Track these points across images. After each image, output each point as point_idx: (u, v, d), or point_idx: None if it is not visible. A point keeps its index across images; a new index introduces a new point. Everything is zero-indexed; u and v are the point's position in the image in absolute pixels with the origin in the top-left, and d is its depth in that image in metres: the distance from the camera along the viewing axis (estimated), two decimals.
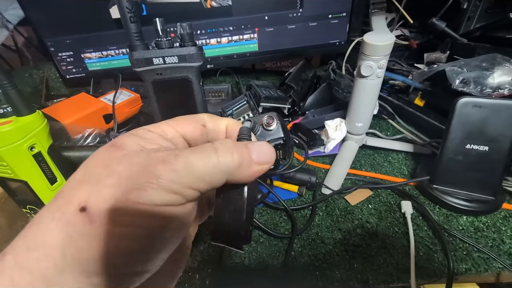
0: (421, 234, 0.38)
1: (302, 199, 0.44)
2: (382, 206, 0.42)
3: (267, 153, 0.16)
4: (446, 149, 0.40)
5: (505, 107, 0.36)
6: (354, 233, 0.39)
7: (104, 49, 0.64)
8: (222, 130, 0.19)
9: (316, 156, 0.54)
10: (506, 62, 0.40)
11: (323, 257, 0.36)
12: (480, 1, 0.47)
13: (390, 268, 0.34)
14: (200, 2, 0.61)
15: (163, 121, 0.17)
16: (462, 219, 0.40)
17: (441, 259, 0.34)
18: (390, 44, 0.40)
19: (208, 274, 0.34)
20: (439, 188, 0.42)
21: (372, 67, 0.41)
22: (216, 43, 0.67)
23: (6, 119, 0.29)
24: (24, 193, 0.33)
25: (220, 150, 0.15)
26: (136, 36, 0.32)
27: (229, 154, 0.15)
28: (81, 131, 0.44)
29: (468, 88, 0.42)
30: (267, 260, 0.36)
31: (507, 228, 0.38)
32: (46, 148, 0.32)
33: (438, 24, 0.50)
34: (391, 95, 0.63)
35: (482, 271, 0.33)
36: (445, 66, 0.47)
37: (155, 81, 0.34)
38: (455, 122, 0.38)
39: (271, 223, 0.41)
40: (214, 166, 0.14)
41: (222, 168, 0.14)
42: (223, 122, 0.19)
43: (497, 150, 0.37)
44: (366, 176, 0.48)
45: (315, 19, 0.67)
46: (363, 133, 0.52)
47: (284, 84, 0.65)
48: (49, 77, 0.69)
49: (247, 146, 0.16)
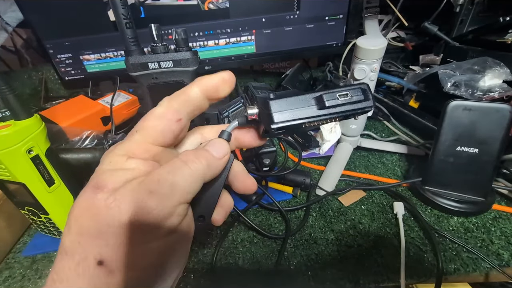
0: (412, 234, 0.39)
1: (296, 200, 0.45)
2: (375, 207, 0.43)
3: (223, 147, 0.18)
4: (437, 151, 0.41)
5: (494, 110, 0.36)
6: (346, 234, 0.39)
7: (103, 51, 0.65)
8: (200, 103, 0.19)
9: (311, 157, 0.54)
10: (497, 65, 0.41)
11: (316, 258, 0.36)
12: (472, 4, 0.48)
13: (381, 268, 0.35)
14: (197, 4, 0.61)
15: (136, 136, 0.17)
16: (453, 220, 0.40)
17: (431, 259, 0.35)
18: (382, 48, 0.40)
19: (202, 274, 0.35)
20: (431, 189, 0.42)
21: (365, 70, 0.42)
22: (214, 45, 0.67)
23: (5, 123, 0.30)
24: (22, 195, 0.34)
25: (189, 161, 0.16)
26: (132, 41, 0.33)
27: (197, 161, 0.16)
28: (79, 134, 0.45)
29: (459, 91, 0.43)
30: (261, 261, 0.36)
31: (496, 228, 0.39)
32: (43, 151, 0.32)
33: (430, 28, 0.50)
34: (387, 96, 0.63)
35: (470, 271, 0.34)
36: (437, 69, 0.47)
37: (151, 85, 0.35)
38: (446, 124, 0.39)
39: (265, 224, 0.42)
40: (191, 176, 0.16)
41: (197, 174, 0.16)
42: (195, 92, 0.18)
43: (486, 152, 0.38)
44: (360, 177, 0.49)
45: (312, 21, 0.68)
46: (357, 135, 0.53)
47: (281, 86, 0.66)
48: (48, 78, 0.70)
49: (206, 148, 0.18)
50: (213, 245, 0.38)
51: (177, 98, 0.18)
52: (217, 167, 0.18)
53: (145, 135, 0.17)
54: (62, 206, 0.36)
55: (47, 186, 0.33)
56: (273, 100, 0.16)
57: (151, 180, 0.15)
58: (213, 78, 0.18)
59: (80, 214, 0.15)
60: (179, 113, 0.18)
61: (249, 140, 0.21)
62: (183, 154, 0.17)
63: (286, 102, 0.16)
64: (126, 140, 0.17)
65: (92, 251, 0.14)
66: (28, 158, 0.31)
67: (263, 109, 0.17)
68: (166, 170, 0.16)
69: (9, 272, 0.37)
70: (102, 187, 0.15)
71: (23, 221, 0.41)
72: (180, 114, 0.18)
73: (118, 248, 0.14)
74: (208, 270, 0.36)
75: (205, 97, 0.18)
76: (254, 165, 0.48)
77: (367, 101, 0.17)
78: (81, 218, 0.14)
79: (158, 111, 0.17)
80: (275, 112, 0.16)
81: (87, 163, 0.38)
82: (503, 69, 0.41)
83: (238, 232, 0.40)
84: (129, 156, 0.16)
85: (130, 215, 0.14)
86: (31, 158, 0.31)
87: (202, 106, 0.19)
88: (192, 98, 0.18)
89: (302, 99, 0.17)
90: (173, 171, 0.16)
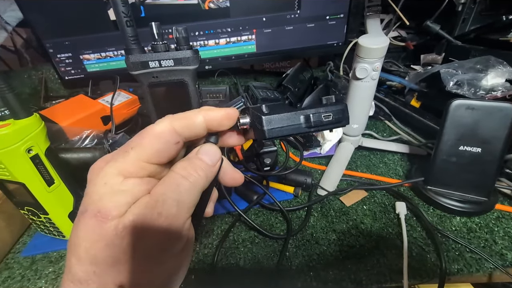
0: (415, 234, 0.38)
1: (298, 200, 0.45)
2: (377, 207, 0.43)
3: (215, 153, 0.19)
4: (439, 151, 0.40)
5: (497, 109, 0.36)
6: (348, 234, 0.39)
7: (103, 51, 0.64)
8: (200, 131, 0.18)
9: (313, 157, 0.54)
10: (499, 64, 0.41)
11: (317, 258, 0.36)
12: (474, 3, 0.47)
13: (383, 268, 0.34)
14: (198, 3, 0.61)
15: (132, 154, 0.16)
16: (456, 220, 0.40)
17: (434, 260, 0.35)
18: (384, 47, 0.40)
19: (203, 275, 0.35)
20: (433, 189, 0.42)
21: (366, 69, 0.41)
22: (214, 44, 0.67)
23: (4, 122, 0.30)
24: (21, 195, 0.33)
25: (186, 175, 0.16)
26: (132, 39, 0.32)
27: (195, 174, 0.17)
28: (79, 133, 0.45)
29: (462, 90, 0.42)
30: (262, 261, 0.36)
31: (500, 228, 0.38)
32: (43, 151, 0.32)
33: (432, 26, 0.50)
34: (388, 96, 0.63)
35: (474, 271, 0.34)
36: (440, 68, 0.47)
37: (151, 84, 0.35)
38: (449, 124, 0.39)
39: (267, 224, 0.41)
40: (193, 190, 0.17)
41: (198, 187, 0.17)
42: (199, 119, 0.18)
43: (489, 152, 0.38)
44: (361, 177, 0.49)
45: (313, 20, 0.68)
46: (359, 134, 0.52)
47: (281, 85, 0.66)
48: (48, 78, 0.70)
49: (199, 157, 0.18)
50: (214, 245, 0.38)
51: (180, 121, 0.17)
52: (213, 174, 0.18)
53: (140, 153, 0.16)
54: (61, 206, 0.35)
55: (46, 186, 0.33)
56: (266, 115, 0.18)
57: (156, 201, 0.15)
58: (219, 112, 0.18)
59: (91, 246, 0.14)
60: (179, 136, 0.17)
61: (233, 141, 0.21)
62: (180, 168, 0.17)
63: (277, 119, 0.18)
64: (119, 157, 0.16)
65: (111, 279, 0.14)
66: (28, 158, 0.31)
67: (255, 122, 0.19)
68: (169, 189, 0.16)
69: (9, 272, 0.36)
70: (106, 215, 0.15)
71: (22, 221, 0.41)
72: (179, 136, 0.17)
73: (136, 272, 0.15)
74: (209, 270, 0.35)
75: (206, 126, 0.18)
76: (255, 164, 0.47)
77: (344, 120, 0.20)
78: (93, 249, 0.14)
79: (158, 130, 0.17)
80: (268, 129, 0.18)
81: (87, 162, 0.38)
82: (506, 68, 0.41)
83: (239, 232, 0.40)
84: (124, 176, 0.16)
85: (144, 240, 0.15)
86: (30, 157, 0.31)
87: (201, 134, 0.19)
88: (195, 126, 0.18)
89: (291, 116, 0.19)
90: (176, 190, 0.16)
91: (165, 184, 0.16)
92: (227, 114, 0.19)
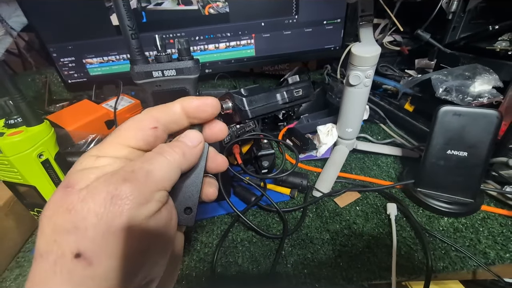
0: (404, 234, 0.40)
1: (294, 201, 0.47)
2: (369, 208, 0.45)
3: (196, 136, 0.19)
4: (429, 154, 0.42)
5: (482, 115, 0.38)
6: (341, 234, 0.41)
7: (105, 55, 0.66)
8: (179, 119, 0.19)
9: (309, 159, 0.56)
10: (486, 72, 0.43)
11: (311, 256, 0.38)
12: (464, 12, 0.49)
13: (373, 266, 0.37)
14: (198, 9, 0.63)
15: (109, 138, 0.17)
16: (443, 220, 0.42)
17: (421, 258, 0.37)
18: (376, 56, 0.42)
19: (204, 273, 0.37)
20: (423, 191, 0.44)
21: (359, 76, 0.43)
22: (214, 49, 0.69)
23: (17, 129, 0.32)
24: (32, 197, 0.35)
25: (164, 152, 0.17)
26: (137, 51, 0.34)
27: (172, 151, 0.17)
28: (84, 137, 0.46)
29: (450, 97, 0.44)
30: (259, 259, 0.38)
31: (484, 228, 0.40)
32: (53, 155, 0.34)
33: (423, 35, 0.52)
34: (383, 100, 0.65)
35: (458, 269, 0.36)
36: (431, 74, 0.49)
37: (155, 92, 0.37)
38: (437, 129, 0.41)
39: (264, 224, 0.43)
40: (167, 165, 0.17)
41: (173, 164, 0.17)
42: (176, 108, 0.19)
43: (475, 156, 0.40)
44: (355, 179, 0.51)
45: (310, 25, 0.69)
46: (353, 138, 0.54)
47: None
48: (52, 82, 0.71)
49: (180, 139, 0.19)
50: (214, 244, 0.40)
51: (157, 108, 0.19)
52: (193, 155, 0.18)
53: (117, 136, 0.17)
54: None
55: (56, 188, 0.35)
56: (246, 97, 0.21)
57: (125, 170, 0.15)
58: (194, 99, 0.19)
59: (53, 213, 0.14)
60: (156, 121, 0.18)
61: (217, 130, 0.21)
62: (157, 147, 0.18)
63: (257, 99, 0.22)
64: (100, 144, 0.17)
65: (68, 246, 0.13)
66: (39, 162, 0.33)
67: (238, 105, 0.21)
68: (140, 161, 0.16)
69: (20, 270, 0.38)
70: (72, 185, 0.15)
71: (32, 222, 0.43)
72: (157, 122, 0.18)
73: (96, 238, 0.13)
74: (209, 268, 0.37)
75: (184, 114, 0.19)
76: (253, 167, 0.49)
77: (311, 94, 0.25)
78: (54, 216, 0.14)
79: (137, 117, 0.18)
80: (250, 109, 0.21)
81: None
82: (492, 75, 0.43)
83: (238, 232, 0.42)
84: (99, 156, 0.16)
85: (105, 204, 0.14)
86: (41, 162, 0.33)
87: (180, 122, 0.19)
88: (172, 112, 0.19)
89: (268, 95, 0.22)
90: (148, 161, 0.16)
91: (138, 159, 0.16)
92: (204, 101, 0.19)
